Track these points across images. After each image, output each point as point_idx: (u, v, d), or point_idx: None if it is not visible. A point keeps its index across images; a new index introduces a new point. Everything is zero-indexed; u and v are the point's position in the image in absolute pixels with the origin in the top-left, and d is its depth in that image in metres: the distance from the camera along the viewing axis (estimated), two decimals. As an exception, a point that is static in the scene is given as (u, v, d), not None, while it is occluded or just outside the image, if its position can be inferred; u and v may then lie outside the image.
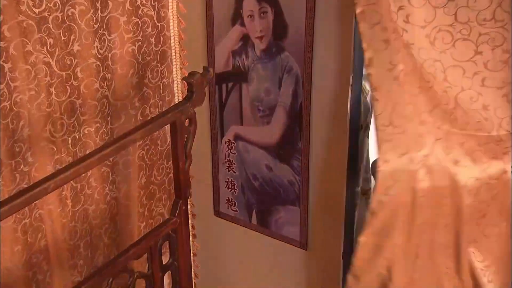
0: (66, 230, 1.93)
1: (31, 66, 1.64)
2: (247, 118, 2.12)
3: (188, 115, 1.84)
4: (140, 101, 2.07)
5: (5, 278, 1.79)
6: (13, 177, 1.70)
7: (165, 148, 2.26)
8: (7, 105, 1.61)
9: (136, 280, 1.81)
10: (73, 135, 1.85)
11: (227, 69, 2.09)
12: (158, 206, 2.33)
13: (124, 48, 1.93)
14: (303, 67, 1.92)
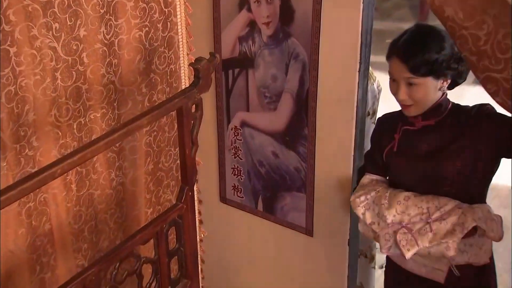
0: (71, 214, 1.95)
1: (37, 50, 1.64)
2: (253, 104, 2.11)
3: (195, 101, 1.83)
4: (147, 87, 2.07)
5: (9, 261, 1.81)
6: (18, 161, 1.71)
7: (173, 135, 2.26)
8: (12, 89, 1.61)
9: (143, 265, 1.83)
10: (78, 120, 1.86)
11: (233, 55, 2.08)
12: (166, 193, 2.33)
13: (131, 33, 1.92)
14: (310, 53, 1.90)
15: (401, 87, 1.63)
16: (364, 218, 1.76)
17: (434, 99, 1.66)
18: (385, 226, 1.70)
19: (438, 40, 1.60)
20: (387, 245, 1.70)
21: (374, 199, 1.76)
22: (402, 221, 1.68)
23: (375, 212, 1.75)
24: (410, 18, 5.51)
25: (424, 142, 1.69)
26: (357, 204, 1.78)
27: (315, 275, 2.25)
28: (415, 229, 1.66)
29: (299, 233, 2.19)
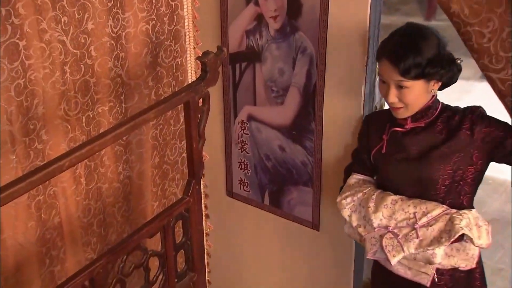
0: (80, 208, 1.96)
1: (46, 44, 1.64)
2: (260, 98, 2.11)
3: (202, 95, 1.83)
4: (154, 80, 2.07)
5: (19, 254, 1.82)
6: (27, 155, 1.71)
7: (178, 128, 2.26)
8: (21, 82, 1.62)
9: (150, 258, 1.84)
10: (87, 114, 1.86)
11: (240, 49, 2.08)
12: (171, 186, 2.34)
13: (138, 27, 1.92)
14: (317, 47, 1.90)
15: (391, 89, 1.57)
16: (350, 220, 1.73)
17: (425, 101, 1.61)
18: (371, 230, 1.67)
19: (430, 42, 1.54)
20: (373, 249, 1.67)
21: (360, 201, 1.72)
22: (388, 225, 1.65)
23: (361, 215, 1.71)
24: (418, 13, 5.47)
25: (413, 145, 1.65)
26: (343, 206, 1.74)
27: (321, 269, 2.25)
28: (401, 235, 1.62)
29: (306, 227, 2.19)
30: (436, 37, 1.55)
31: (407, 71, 1.53)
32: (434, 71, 1.54)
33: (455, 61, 1.57)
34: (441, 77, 1.57)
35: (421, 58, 1.52)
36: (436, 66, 1.53)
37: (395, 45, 1.56)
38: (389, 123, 1.70)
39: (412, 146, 1.65)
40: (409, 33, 1.56)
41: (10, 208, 1.73)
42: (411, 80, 1.54)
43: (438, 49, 1.54)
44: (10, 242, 1.77)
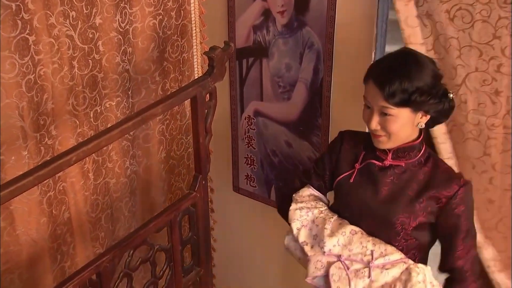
0: (88, 203, 1.96)
1: (55, 39, 1.64)
2: (267, 94, 2.11)
3: (209, 90, 1.83)
4: (161, 75, 2.07)
5: (32, 249, 1.83)
6: (38, 150, 1.72)
7: (185, 123, 2.27)
8: (31, 78, 1.62)
9: (156, 253, 1.84)
10: (94, 109, 1.86)
11: (247, 44, 2.08)
12: (177, 181, 2.35)
13: (145, 21, 1.92)
14: (324, 43, 1.90)
15: (374, 115, 1.44)
16: (297, 234, 1.59)
17: (409, 136, 1.48)
18: (320, 253, 1.54)
19: (423, 70, 1.41)
20: (316, 274, 1.53)
21: (315, 218, 1.58)
22: (341, 254, 1.51)
23: (312, 233, 1.57)
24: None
25: (386, 185, 1.51)
26: (296, 217, 1.60)
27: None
28: (352, 268, 1.50)
29: (311, 222, 2.20)
30: (431, 66, 1.43)
31: (392, 96, 1.40)
32: (421, 100, 1.40)
33: (447, 95, 1.45)
34: (429, 109, 1.43)
35: (410, 84, 1.39)
36: (425, 95, 1.40)
37: (384, 67, 1.44)
38: (365, 151, 1.57)
39: (385, 186, 1.52)
40: (402, 57, 1.44)
41: (24, 204, 1.74)
42: (396, 107, 1.41)
43: (430, 79, 1.41)
44: (23, 238, 1.79)
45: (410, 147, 1.49)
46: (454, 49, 1.57)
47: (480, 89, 1.58)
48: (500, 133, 1.62)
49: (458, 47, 1.57)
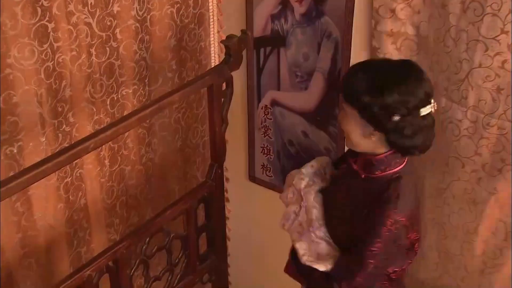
0: (104, 190, 1.98)
1: (73, 26, 1.65)
2: (284, 83, 2.09)
3: (225, 79, 1.83)
4: (177, 64, 2.07)
5: (49, 235, 1.86)
6: (56, 137, 1.74)
7: (200, 112, 2.27)
8: (50, 65, 1.63)
9: (172, 240, 1.86)
10: (111, 96, 1.87)
11: (265, 33, 2.06)
12: (192, 169, 2.35)
13: (163, 9, 1.92)
14: (343, 33, 1.88)
15: (341, 108, 1.50)
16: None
17: (362, 144, 1.45)
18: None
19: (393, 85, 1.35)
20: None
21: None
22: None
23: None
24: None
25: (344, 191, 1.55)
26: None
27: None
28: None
29: (327, 213, 2.19)
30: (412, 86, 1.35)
31: (346, 90, 1.40)
32: (365, 105, 1.36)
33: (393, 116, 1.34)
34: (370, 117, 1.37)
35: (363, 87, 1.36)
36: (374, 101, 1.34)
37: (357, 64, 1.45)
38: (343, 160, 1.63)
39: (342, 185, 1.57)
40: (378, 64, 1.43)
41: (41, 190, 1.77)
42: (348, 105, 1.40)
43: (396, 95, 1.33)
44: (41, 223, 1.81)
45: (373, 161, 1.46)
46: (462, 42, 1.54)
47: (482, 85, 1.54)
48: (494, 134, 1.57)
49: (466, 41, 1.53)
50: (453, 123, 1.64)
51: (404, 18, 1.66)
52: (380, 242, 1.42)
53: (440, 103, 1.64)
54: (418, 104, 1.35)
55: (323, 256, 1.56)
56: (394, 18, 1.68)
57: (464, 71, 1.56)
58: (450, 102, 1.62)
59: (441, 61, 1.60)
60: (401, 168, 1.46)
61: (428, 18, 1.62)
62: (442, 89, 1.63)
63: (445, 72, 1.60)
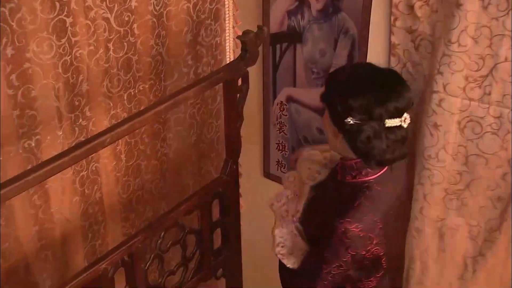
0: (120, 184, 1.99)
1: (91, 21, 1.66)
2: (300, 79, 2.09)
3: (241, 74, 1.83)
4: (193, 59, 2.07)
5: (65, 227, 1.88)
6: (72, 131, 1.75)
7: (215, 107, 2.27)
8: (68, 59, 1.64)
9: (187, 235, 1.86)
10: (128, 91, 1.88)
11: (282, 29, 2.06)
12: (206, 164, 2.36)
13: (179, 5, 1.92)
14: (360, 29, 1.86)
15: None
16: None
17: (333, 145, 1.46)
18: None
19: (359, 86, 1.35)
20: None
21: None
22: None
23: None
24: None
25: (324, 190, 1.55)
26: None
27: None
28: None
29: (341, 210, 2.19)
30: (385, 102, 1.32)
31: (324, 89, 1.43)
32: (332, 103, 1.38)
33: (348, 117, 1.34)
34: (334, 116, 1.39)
35: (342, 87, 1.37)
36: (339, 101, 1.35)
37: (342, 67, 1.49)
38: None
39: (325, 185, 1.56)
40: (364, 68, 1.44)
41: (57, 183, 1.78)
42: (324, 103, 1.43)
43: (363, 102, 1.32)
44: (57, 216, 1.83)
45: (345, 165, 1.46)
46: (484, 38, 1.52)
47: (507, 80, 1.53)
48: None
49: (489, 36, 1.51)
50: (473, 121, 1.62)
51: (421, 16, 1.64)
52: (331, 249, 1.41)
53: (455, 104, 1.62)
54: (383, 114, 1.32)
55: (297, 250, 1.55)
56: (413, 15, 1.66)
57: (488, 67, 1.54)
58: (468, 101, 1.61)
59: (455, 61, 1.58)
60: (374, 177, 1.43)
61: (444, 18, 1.60)
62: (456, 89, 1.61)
63: (461, 71, 1.58)
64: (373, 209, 1.41)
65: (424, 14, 1.63)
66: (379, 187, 1.43)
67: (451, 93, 1.60)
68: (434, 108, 1.64)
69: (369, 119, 1.32)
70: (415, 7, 1.64)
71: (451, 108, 1.62)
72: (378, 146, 1.35)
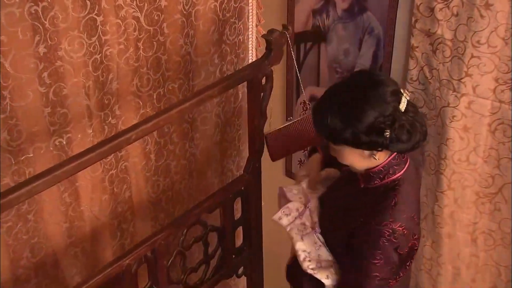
0: (149, 184, 2.00)
1: (121, 20, 1.67)
2: (324, 79, 2.09)
3: (265, 73, 1.83)
4: (219, 58, 2.08)
5: (94, 225, 1.90)
6: (102, 129, 1.76)
7: (237, 105, 2.27)
8: (98, 57, 1.65)
9: (209, 233, 1.87)
10: (158, 91, 1.89)
11: (306, 28, 2.06)
12: (228, 163, 2.37)
13: (207, 4, 1.92)
14: (385, 29, 1.86)
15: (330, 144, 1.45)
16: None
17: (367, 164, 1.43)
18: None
19: (353, 106, 1.32)
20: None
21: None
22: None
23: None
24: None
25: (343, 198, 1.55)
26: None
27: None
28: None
29: (363, 210, 2.18)
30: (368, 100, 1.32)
31: (319, 130, 1.39)
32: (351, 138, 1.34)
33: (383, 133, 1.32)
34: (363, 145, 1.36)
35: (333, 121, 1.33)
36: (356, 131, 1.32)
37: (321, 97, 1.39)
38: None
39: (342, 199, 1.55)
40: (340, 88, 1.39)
41: (88, 181, 1.80)
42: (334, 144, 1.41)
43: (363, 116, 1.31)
44: (87, 213, 1.85)
45: (371, 173, 1.44)
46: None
47: None
48: None
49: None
50: (504, 124, 1.61)
51: (441, 19, 1.63)
52: (381, 253, 1.39)
53: (486, 106, 1.61)
54: (394, 105, 1.33)
55: (324, 261, 1.53)
56: (432, 17, 1.65)
57: None
58: (498, 103, 1.59)
59: (485, 63, 1.56)
60: (401, 174, 1.44)
61: (467, 21, 1.58)
62: (486, 91, 1.60)
63: (491, 73, 1.57)
64: (408, 205, 1.42)
65: (444, 17, 1.62)
66: (408, 182, 1.44)
67: (481, 95, 1.59)
68: (463, 111, 1.63)
69: (391, 119, 1.32)
70: (435, 9, 1.63)
71: (481, 111, 1.61)
72: (416, 132, 1.36)
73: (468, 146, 1.66)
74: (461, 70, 1.61)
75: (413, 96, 1.81)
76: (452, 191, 1.73)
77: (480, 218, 1.75)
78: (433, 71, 1.71)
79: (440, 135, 1.72)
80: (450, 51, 1.64)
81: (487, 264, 1.80)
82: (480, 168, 1.68)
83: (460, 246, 1.81)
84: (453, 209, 1.76)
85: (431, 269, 1.89)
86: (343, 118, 1.33)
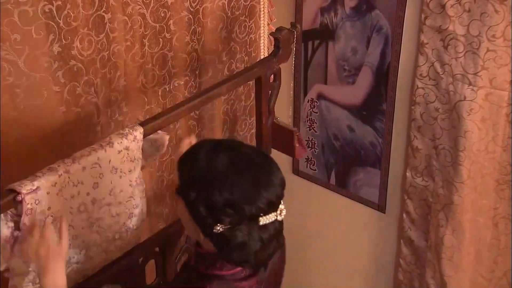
0: (154, 179, 2.02)
1: (128, 17, 1.69)
2: (331, 77, 2.09)
3: (273, 71, 1.84)
4: (227, 55, 2.09)
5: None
6: (108, 126, 1.78)
7: (249, 104, 2.28)
8: (105, 55, 1.68)
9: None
10: (163, 87, 1.91)
11: (314, 26, 2.06)
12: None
13: (215, 1, 1.94)
14: (393, 26, 1.86)
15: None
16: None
17: (196, 235, 1.16)
18: None
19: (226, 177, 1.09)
20: None
21: None
22: None
23: None
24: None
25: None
26: None
27: (385, 252, 2.24)
28: None
29: (371, 208, 2.18)
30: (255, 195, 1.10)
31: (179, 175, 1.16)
32: (189, 198, 1.11)
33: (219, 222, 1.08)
34: (194, 215, 1.12)
35: (183, 165, 1.14)
36: (200, 196, 1.09)
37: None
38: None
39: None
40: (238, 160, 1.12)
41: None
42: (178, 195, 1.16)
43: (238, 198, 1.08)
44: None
45: (197, 252, 1.20)
46: None
47: None
48: None
49: None
50: None
51: (453, 15, 1.63)
52: None
53: (503, 97, 1.62)
54: (255, 213, 1.09)
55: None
56: (443, 14, 1.65)
57: None
58: None
59: (502, 56, 1.56)
60: (230, 273, 1.17)
61: (480, 16, 1.58)
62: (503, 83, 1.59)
63: (507, 65, 1.57)
64: None
65: (456, 13, 1.62)
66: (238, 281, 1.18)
67: (498, 87, 1.60)
68: (481, 103, 1.63)
69: (239, 221, 1.08)
70: (446, 6, 1.63)
71: (499, 102, 1.62)
72: (251, 249, 1.10)
73: (487, 136, 1.68)
74: (477, 64, 1.63)
75: (424, 92, 1.81)
76: (471, 180, 1.74)
77: (500, 203, 1.76)
78: (445, 66, 1.71)
79: (456, 129, 1.72)
80: (464, 46, 1.64)
81: (508, 247, 1.81)
82: (499, 156, 1.68)
83: (481, 230, 1.81)
84: (473, 197, 1.76)
85: (452, 256, 1.89)
86: (201, 178, 1.11)
